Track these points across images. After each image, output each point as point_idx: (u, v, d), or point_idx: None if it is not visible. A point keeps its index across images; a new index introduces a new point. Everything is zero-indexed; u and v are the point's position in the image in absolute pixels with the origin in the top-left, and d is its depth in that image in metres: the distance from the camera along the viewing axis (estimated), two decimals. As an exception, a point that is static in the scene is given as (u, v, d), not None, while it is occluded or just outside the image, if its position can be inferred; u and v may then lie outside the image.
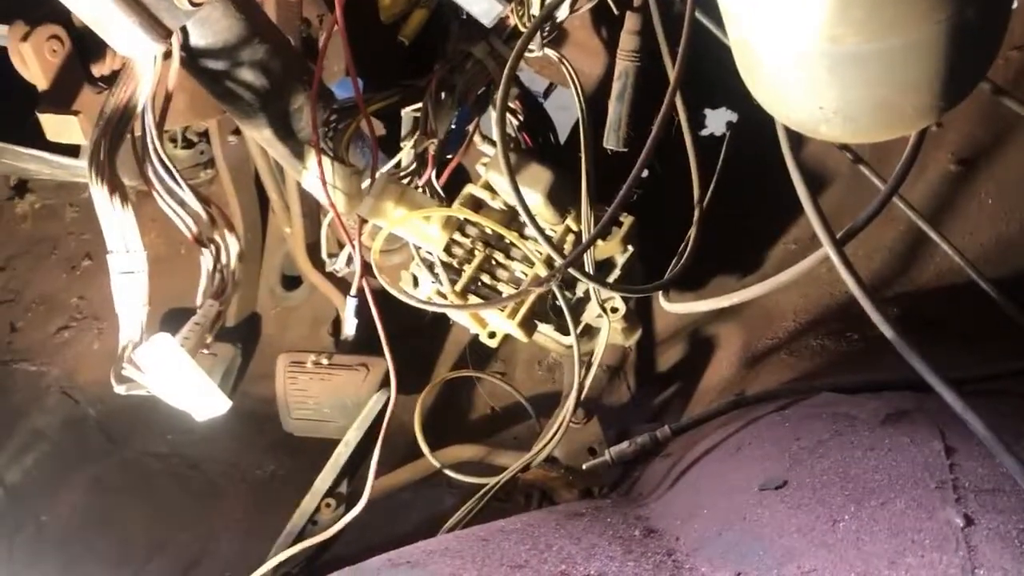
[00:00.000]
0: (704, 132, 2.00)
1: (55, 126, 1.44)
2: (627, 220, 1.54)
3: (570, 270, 1.30)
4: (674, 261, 1.40)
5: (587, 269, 1.48)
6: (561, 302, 1.51)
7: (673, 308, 1.54)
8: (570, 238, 1.53)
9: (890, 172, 1.02)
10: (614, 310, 1.56)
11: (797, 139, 1.09)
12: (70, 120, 1.41)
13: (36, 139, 1.61)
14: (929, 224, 1.37)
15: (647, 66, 1.44)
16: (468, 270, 1.51)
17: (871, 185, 1.25)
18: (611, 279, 1.51)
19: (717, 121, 1.97)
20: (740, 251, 1.82)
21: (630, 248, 1.54)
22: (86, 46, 1.47)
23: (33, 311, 2.37)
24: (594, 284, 1.50)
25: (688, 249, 1.39)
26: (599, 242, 1.51)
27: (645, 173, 1.25)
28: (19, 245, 2.43)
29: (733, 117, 1.96)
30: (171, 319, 1.83)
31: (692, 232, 1.39)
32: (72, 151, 1.80)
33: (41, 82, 1.41)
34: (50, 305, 2.35)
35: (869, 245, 1.61)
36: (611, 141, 1.49)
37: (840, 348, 1.55)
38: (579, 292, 1.57)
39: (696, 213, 1.38)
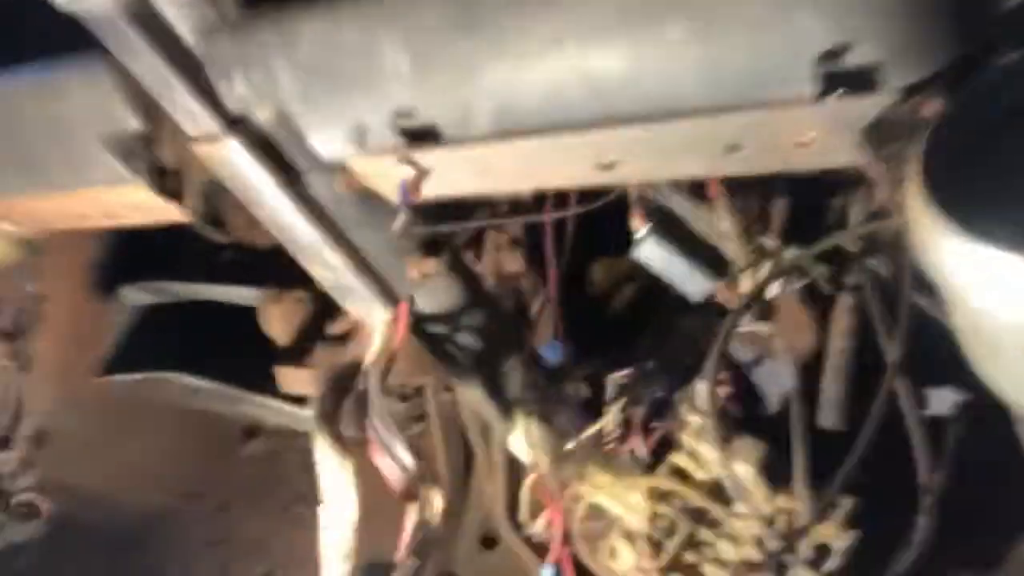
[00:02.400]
0: (929, 412, 1.88)
1: (289, 379, 1.58)
2: (846, 502, 1.44)
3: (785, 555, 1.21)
4: (903, 554, 1.28)
5: (803, 555, 1.37)
6: (772, 590, 1.40)
7: (901, 606, 1.38)
8: (781, 518, 1.44)
9: None
10: (832, 602, 1.42)
11: (1040, 426, 1.00)
12: (303, 374, 1.53)
13: (270, 388, 1.76)
14: None
15: (862, 344, 1.41)
16: (670, 546, 1.44)
17: None
18: (828, 568, 1.39)
19: (943, 401, 1.86)
20: (977, 544, 1.64)
21: (850, 534, 1.43)
22: (324, 307, 1.62)
23: (243, 553, 2.46)
24: (811, 575, 1.39)
25: (916, 539, 1.27)
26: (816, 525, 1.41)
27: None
28: (240, 487, 2.57)
29: (961, 397, 1.84)
30: (367, 574, 1.85)
31: (920, 520, 1.28)
32: (301, 400, 1.94)
33: (283, 339, 1.56)
34: (257, 548, 2.44)
35: None
36: (828, 420, 1.44)
37: None
38: (792, 580, 1.45)
39: (925, 500, 1.28)
